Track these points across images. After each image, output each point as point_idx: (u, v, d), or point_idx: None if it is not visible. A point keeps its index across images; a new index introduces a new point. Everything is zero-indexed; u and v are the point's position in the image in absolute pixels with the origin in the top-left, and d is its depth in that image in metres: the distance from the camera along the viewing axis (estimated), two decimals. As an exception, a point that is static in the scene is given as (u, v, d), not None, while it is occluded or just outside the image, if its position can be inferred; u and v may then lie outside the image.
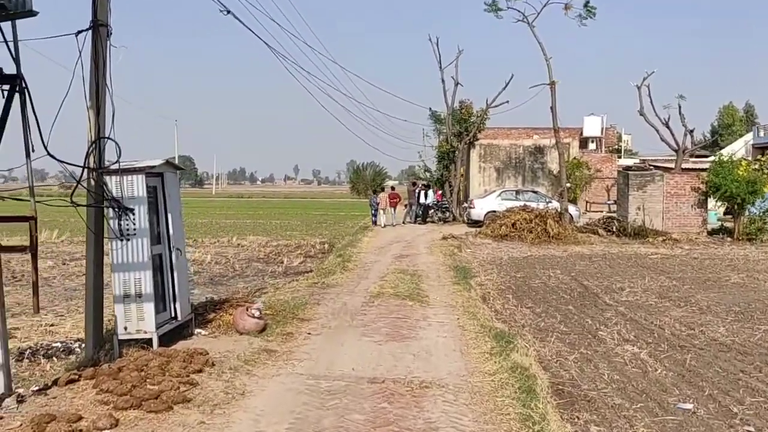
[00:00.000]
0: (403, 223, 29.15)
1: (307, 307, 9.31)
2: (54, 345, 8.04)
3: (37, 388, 5.30)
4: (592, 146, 41.01)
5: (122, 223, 6.28)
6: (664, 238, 21.61)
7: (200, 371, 5.57)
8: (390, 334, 7.81)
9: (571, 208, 24.66)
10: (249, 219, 37.33)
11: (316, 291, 11.04)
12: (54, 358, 7.54)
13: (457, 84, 30.44)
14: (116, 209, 6.23)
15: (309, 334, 7.73)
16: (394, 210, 30.64)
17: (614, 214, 25.07)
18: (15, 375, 6.84)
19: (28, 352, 7.79)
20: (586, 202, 33.57)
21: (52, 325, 9.66)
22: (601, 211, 33.33)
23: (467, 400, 5.51)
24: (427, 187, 30.22)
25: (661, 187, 22.51)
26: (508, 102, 28.85)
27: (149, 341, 6.43)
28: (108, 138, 6.45)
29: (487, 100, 29.41)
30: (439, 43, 30.46)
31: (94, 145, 6.39)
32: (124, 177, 6.26)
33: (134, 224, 6.28)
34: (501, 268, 15.85)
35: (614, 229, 22.56)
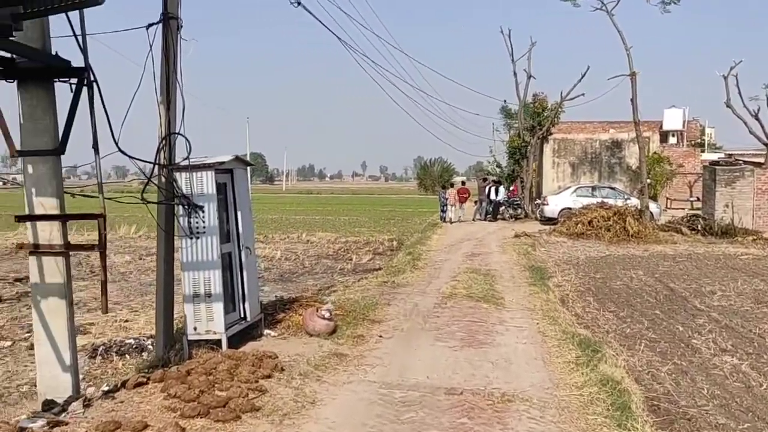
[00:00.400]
0: (473, 220, 28.51)
1: (378, 308, 8.99)
2: (127, 342, 8.04)
3: (106, 389, 5.19)
4: (672, 140, 38.92)
5: (192, 220, 6.12)
6: (755, 237, 20.16)
7: (269, 376, 5.33)
8: (465, 339, 7.39)
9: (652, 206, 23.43)
10: (318, 215, 37.55)
11: (386, 290, 10.72)
12: (126, 356, 7.52)
13: (529, 77, 29.54)
14: (186, 206, 6.07)
15: (380, 336, 7.40)
16: (463, 206, 30.12)
17: (699, 212, 23.66)
18: (88, 372, 6.83)
19: (101, 348, 7.82)
20: (667, 198, 31.93)
21: (126, 320, 9.74)
22: (683, 209, 31.62)
23: (555, 418, 5.04)
24: (497, 183, 29.45)
25: (752, 183, 21.02)
26: (584, 95, 27.75)
27: (218, 342, 6.25)
28: (178, 133, 6.31)
29: (561, 93, 28.40)
30: (511, 34, 29.62)
31: (164, 141, 6.25)
32: (194, 173, 6.09)
33: (203, 222, 6.11)
34: (578, 268, 15.10)
35: (699, 228, 21.24)
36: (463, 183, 34.34)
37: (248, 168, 7.05)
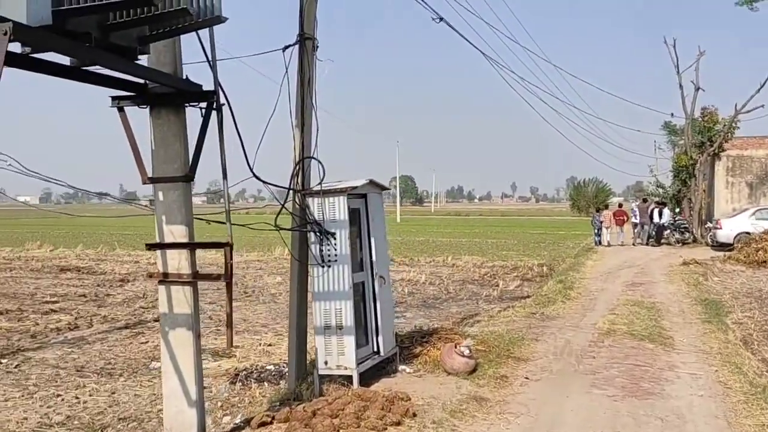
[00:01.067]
0: (633, 244, 26.35)
1: (524, 344, 8.19)
2: (267, 368, 7.97)
3: (232, 426, 4.99)
4: None
5: (323, 248, 5.84)
6: None
7: (398, 423, 4.83)
8: (627, 387, 6.40)
9: None
10: (465, 237, 36.86)
11: (534, 323, 9.85)
12: (265, 383, 7.42)
13: (697, 89, 26.97)
14: (317, 233, 5.81)
15: (526, 378, 6.64)
16: (622, 229, 28.08)
17: None
18: (227, 400, 6.78)
19: (243, 374, 7.81)
20: None
21: (270, 344, 9.76)
22: None
23: (747, 502, 4.04)
24: (661, 204, 27.00)
25: None
26: (763, 106, 24.69)
27: (350, 377, 5.88)
28: (312, 158, 6.09)
29: (736, 106, 25.50)
30: (676, 44, 27.27)
31: (299, 166, 6.06)
32: (326, 199, 5.82)
33: (335, 249, 5.81)
34: (762, 302, 13.13)
35: None
36: (620, 205, 32.12)
37: (383, 192, 6.67)
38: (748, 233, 21.92)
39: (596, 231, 27.26)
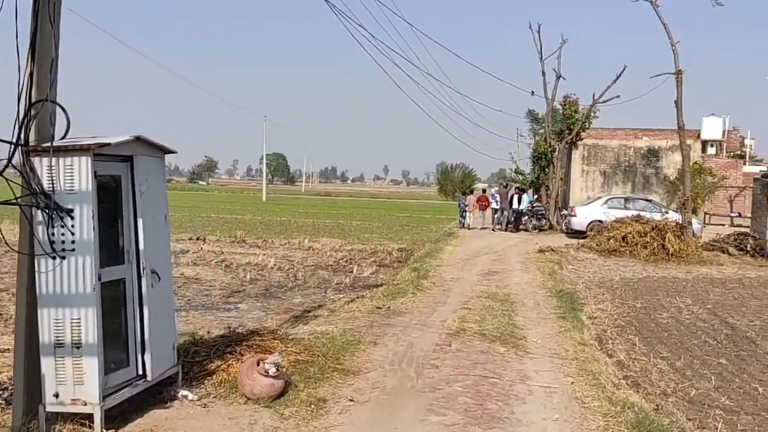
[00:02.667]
0: (492, 230, 26.20)
1: (359, 349, 6.81)
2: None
3: None
4: (711, 150, 36.12)
5: (55, 231, 4.04)
6: (816, 261, 17.64)
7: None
8: (470, 411, 5.18)
9: (694, 222, 20.95)
10: (329, 219, 35.43)
11: (377, 320, 8.54)
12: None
13: (558, 77, 27.17)
14: (46, 210, 3.99)
15: (351, 401, 5.23)
16: (484, 214, 28.09)
17: (746, 230, 21.13)
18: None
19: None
20: (706, 214, 29.31)
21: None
22: (723, 224, 29.00)
23: None
24: (521, 190, 27.09)
25: (813, 200, 18.46)
26: (619, 97, 25.28)
27: (92, 416, 4.14)
28: (50, 101, 4.23)
29: (594, 95, 25.97)
30: (540, 30, 27.27)
31: (27, 112, 4.17)
32: (60, 159, 4.00)
33: (72, 233, 4.03)
34: (614, 293, 12.81)
35: (748, 248, 18.76)
36: (484, 191, 32.30)
37: (164, 157, 4.85)
38: (600, 221, 22.27)
39: (461, 214, 28.32)
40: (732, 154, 36.05)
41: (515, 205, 26.12)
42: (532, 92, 29.21)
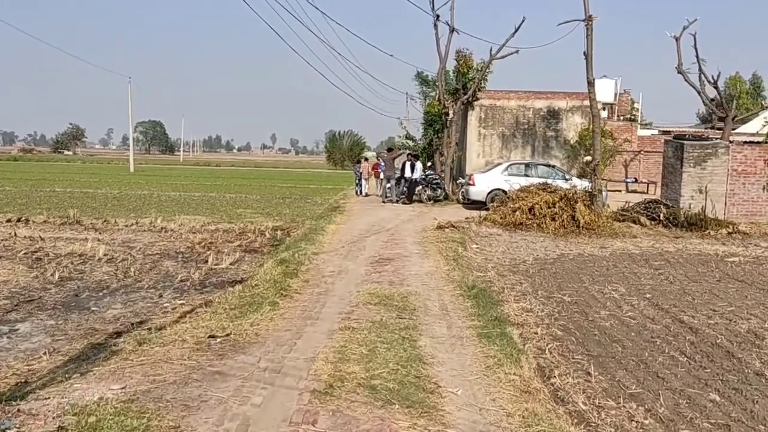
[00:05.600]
0: (383, 202, 23.37)
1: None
2: None
3: None
4: (603, 114, 35.24)
5: None
6: (731, 230, 16.21)
7: None
8: None
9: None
10: (201, 192, 31.15)
11: (202, 365, 5.26)
12: None
13: (452, 30, 24.43)
14: None
15: None
16: (378, 180, 25.52)
17: (657, 197, 19.63)
18: None
19: None
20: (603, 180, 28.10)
21: None
22: (619, 191, 27.89)
23: None
24: (414, 157, 24.34)
25: (726, 163, 17.01)
26: (517, 52, 23.01)
27: None
28: None
29: (491, 50, 23.52)
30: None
31: None
32: None
33: None
34: (533, 281, 10.34)
35: (661, 218, 17.09)
36: (378, 158, 29.63)
37: None
38: (501, 190, 20.04)
39: (357, 182, 27.79)
40: (623, 117, 35.38)
41: (407, 173, 23.39)
42: (391, 55, 26.92)
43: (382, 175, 24.81)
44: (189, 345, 5.84)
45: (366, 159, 30.02)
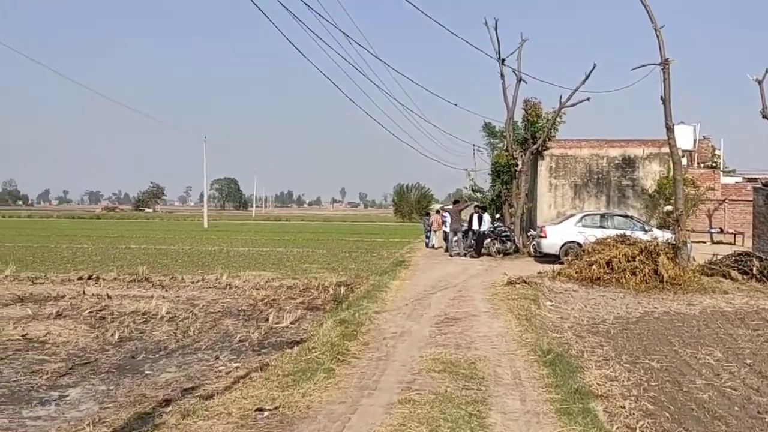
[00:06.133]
0: (450, 256, 22.67)
1: None
2: None
3: None
4: (683, 161, 33.48)
5: None
6: (838, 286, 14.62)
7: None
8: None
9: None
10: (269, 247, 31.36)
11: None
12: None
13: (519, 80, 24.00)
14: None
15: None
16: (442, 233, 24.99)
17: (748, 249, 18.14)
18: None
19: None
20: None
21: None
22: (704, 242, 26.15)
23: None
24: (482, 209, 23.64)
25: (827, 212, 15.50)
26: (589, 99, 22.23)
27: None
28: None
29: (561, 98, 22.83)
30: (497, 26, 24.06)
31: None
32: None
33: None
34: (615, 343, 9.40)
35: (754, 271, 15.67)
36: (439, 211, 29.12)
37: None
38: (575, 242, 19.05)
39: (426, 234, 28.10)
40: (704, 164, 33.60)
41: (475, 225, 22.68)
42: (455, 104, 27.12)
43: (445, 228, 24.29)
44: (234, 419, 5.35)
45: (437, 211, 29.72)
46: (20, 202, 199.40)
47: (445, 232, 24.73)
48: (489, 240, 22.73)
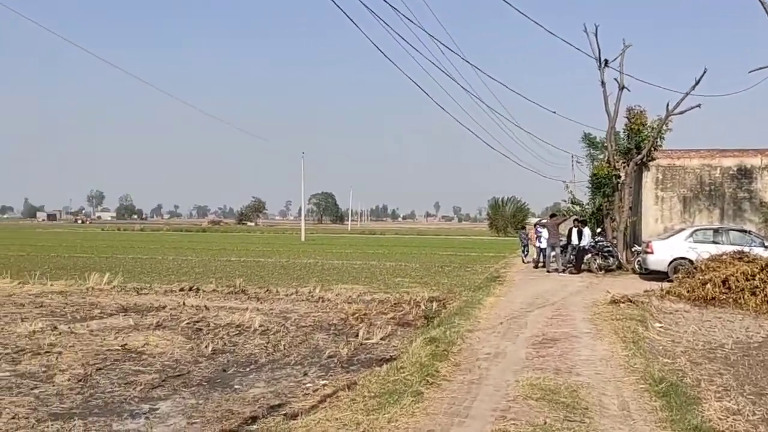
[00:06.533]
0: (548, 272, 21.72)
1: None
2: None
3: None
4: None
5: None
6: None
7: None
8: None
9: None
10: (362, 260, 31.47)
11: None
12: None
13: (622, 88, 22.78)
14: None
15: None
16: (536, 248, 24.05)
17: None
18: None
19: None
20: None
21: None
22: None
23: None
24: (582, 223, 22.53)
25: None
26: (699, 106, 20.72)
27: None
28: None
29: (668, 105, 21.42)
30: (598, 33, 23.00)
31: None
32: None
33: None
34: (736, 372, 8.46)
35: None
36: (536, 225, 28.15)
37: None
38: (685, 259, 17.71)
39: (523, 249, 27.85)
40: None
41: (575, 240, 21.63)
42: (554, 111, 25.75)
43: (539, 243, 23.32)
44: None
45: (534, 226, 28.85)
46: (135, 216, 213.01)
47: (538, 247, 23.77)
48: (590, 255, 21.60)
